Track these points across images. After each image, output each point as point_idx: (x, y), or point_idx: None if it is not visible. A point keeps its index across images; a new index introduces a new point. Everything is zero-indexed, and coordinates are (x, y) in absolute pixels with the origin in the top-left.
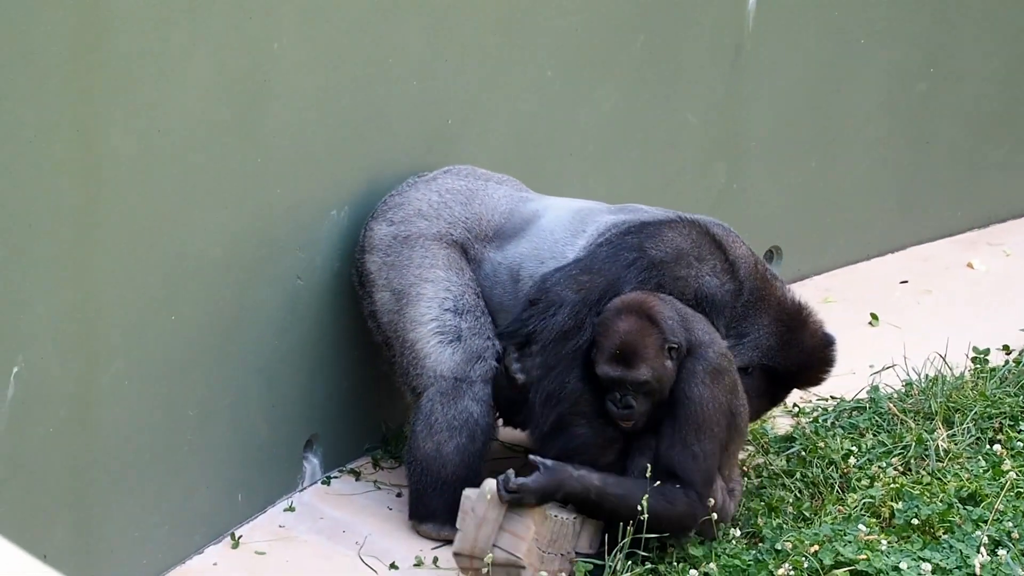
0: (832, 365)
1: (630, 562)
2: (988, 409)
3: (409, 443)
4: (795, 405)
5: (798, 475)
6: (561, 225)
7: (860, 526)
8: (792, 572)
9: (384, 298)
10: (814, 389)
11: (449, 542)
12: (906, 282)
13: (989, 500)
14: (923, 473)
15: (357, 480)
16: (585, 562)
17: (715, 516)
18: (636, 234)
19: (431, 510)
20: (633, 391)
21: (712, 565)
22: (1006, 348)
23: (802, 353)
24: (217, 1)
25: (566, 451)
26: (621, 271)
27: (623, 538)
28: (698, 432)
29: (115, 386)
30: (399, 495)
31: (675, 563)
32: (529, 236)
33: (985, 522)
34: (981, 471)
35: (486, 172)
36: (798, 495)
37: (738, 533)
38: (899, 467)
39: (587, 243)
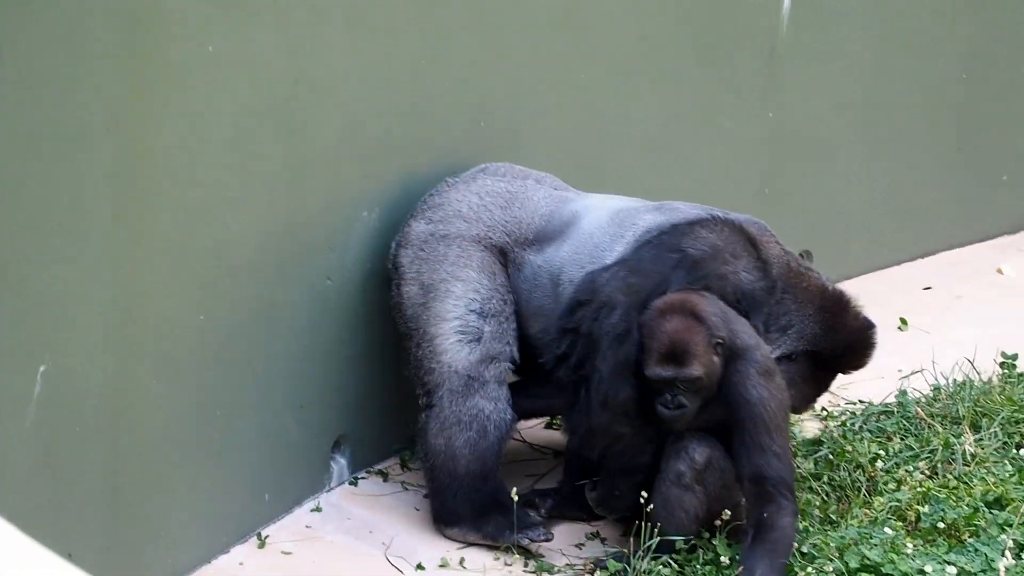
0: (874, 347)
1: (657, 563)
2: (1015, 414)
3: (421, 440)
4: (823, 409)
5: (825, 478)
6: (601, 228)
7: (886, 529)
8: (818, 575)
9: (411, 291)
10: (836, 387)
11: (474, 546)
12: (930, 288)
13: (1015, 504)
14: (949, 477)
15: (385, 481)
16: (614, 562)
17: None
18: (671, 234)
19: (454, 513)
20: (684, 390)
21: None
22: None
23: (847, 334)
24: (256, 1)
25: (612, 451)
26: (668, 272)
27: (649, 539)
28: (769, 432)
29: (144, 385)
30: (427, 496)
31: (701, 565)
32: (570, 240)
33: (1010, 526)
34: (1007, 475)
35: (524, 170)
36: (825, 498)
37: None
38: (926, 471)
39: (625, 247)
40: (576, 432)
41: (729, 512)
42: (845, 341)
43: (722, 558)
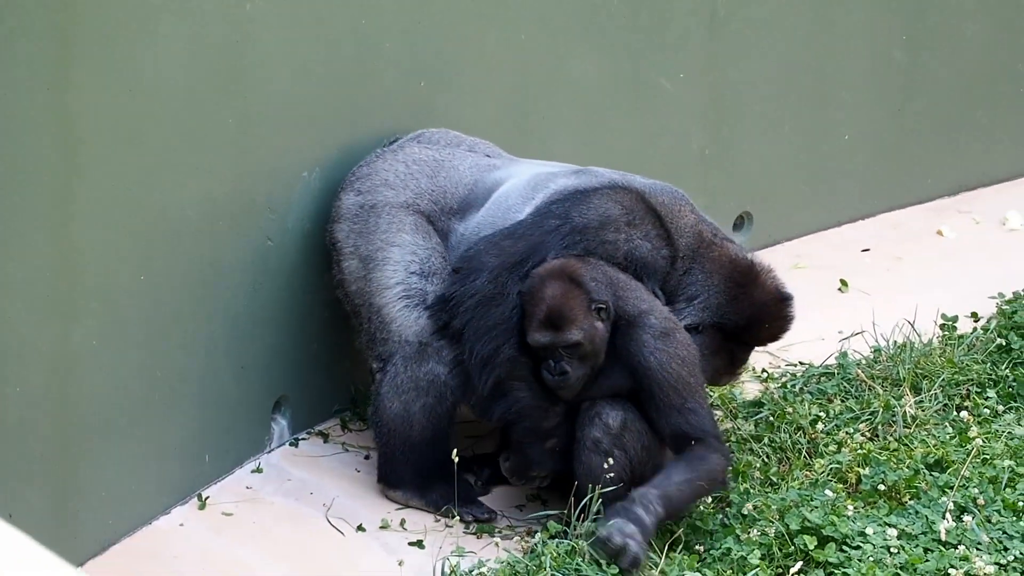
0: (787, 319)
1: (595, 524)
2: (956, 376)
3: (375, 404)
4: (764, 371)
5: (766, 440)
6: (517, 191)
7: (827, 491)
8: (759, 537)
9: (352, 266)
10: (777, 348)
11: (416, 510)
12: (868, 250)
13: (955, 466)
14: (890, 439)
15: (325, 442)
16: (555, 524)
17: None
18: (563, 201)
19: (400, 476)
20: (566, 355)
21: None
22: (974, 315)
23: (752, 307)
24: None
25: (508, 415)
26: (544, 236)
27: (589, 502)
28: (678, 392)
29: (87, 347)
30: (367, 457)
31: None
32: (488, 205)
33: (951, 488)
34: (948, 437)
35: (458, 136)
36: (765, 460)
37: (708, 499)
38: (866, 433)
39: (531, 207)
40: (473, 397)
41: None
42: (753, 313)
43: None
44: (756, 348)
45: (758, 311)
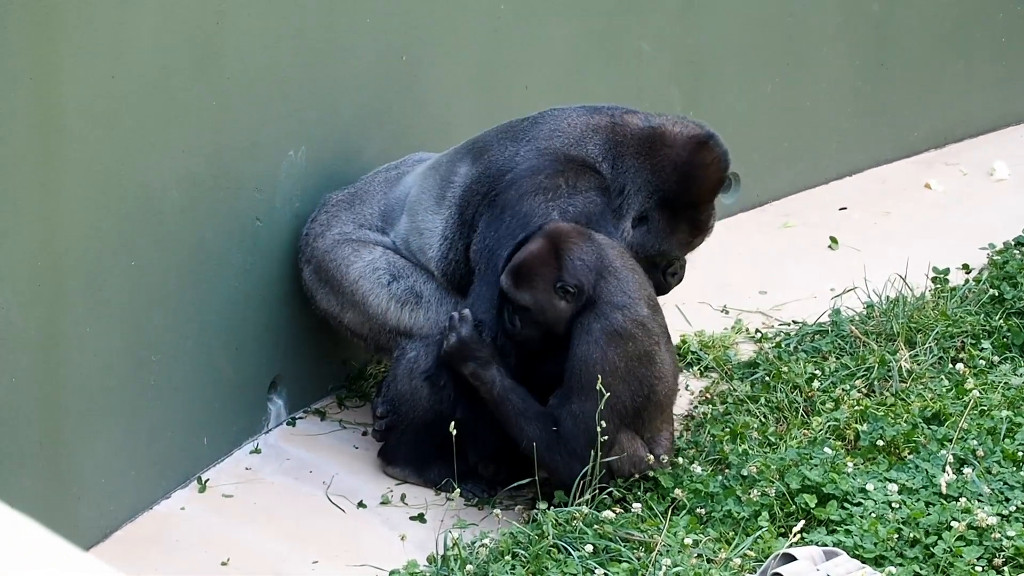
0: (717, 163)
1: (600, 492)
2: (950, 328)
3: (389, 380)
4: (758, 331)
5: (762, 400)
6: (426, 192)
7: (826, 449)
8: (759, 498)
9: (353, 318)
10: (770, 308)
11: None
12: (844, 208)
13: (953, 419)
14: (887, 394)
15: (322, 420)
16: (560, 492)
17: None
18: (489, 228)
19: (398, 453)
20: (517, 312)
21: (678, 491)
22: (966, 267)
23: (674, 168)
24: None
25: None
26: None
27: (591, 473)
28: (581, 391)
29: (77, 332)
30: (365, 434)
31: (643, 492)
32: (406, 212)
33: (950, 441)
34: (944, 390)
35: (399, 163)
36: (763, 420)
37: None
38: (863, 389)
39: (449, 210)
40: None
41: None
42: (680, 175)
43: (663, 483)
44: (709, 202)
45: (683, 168)
